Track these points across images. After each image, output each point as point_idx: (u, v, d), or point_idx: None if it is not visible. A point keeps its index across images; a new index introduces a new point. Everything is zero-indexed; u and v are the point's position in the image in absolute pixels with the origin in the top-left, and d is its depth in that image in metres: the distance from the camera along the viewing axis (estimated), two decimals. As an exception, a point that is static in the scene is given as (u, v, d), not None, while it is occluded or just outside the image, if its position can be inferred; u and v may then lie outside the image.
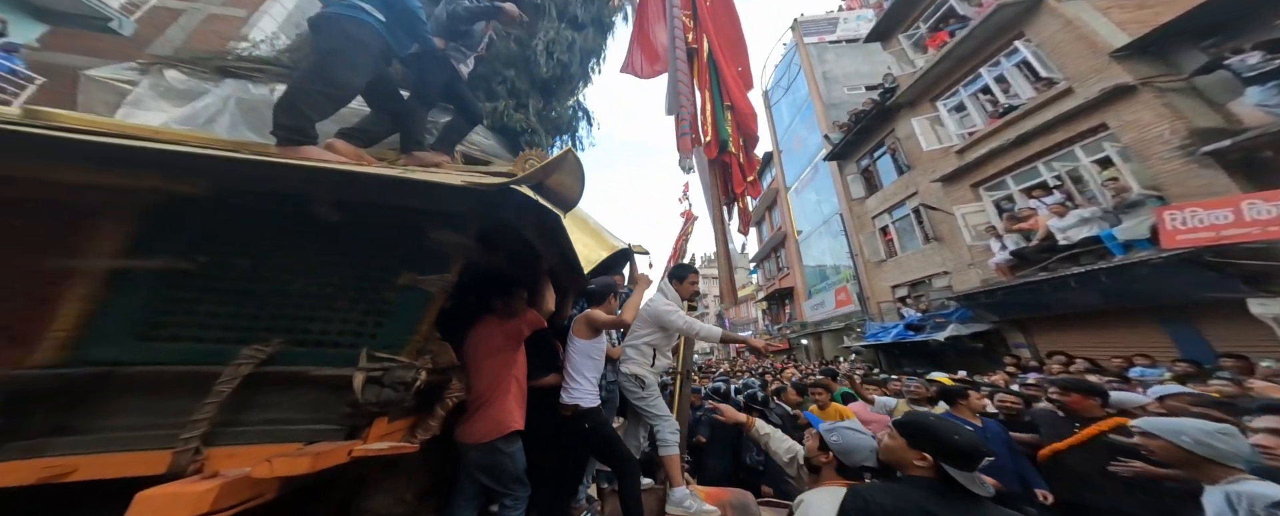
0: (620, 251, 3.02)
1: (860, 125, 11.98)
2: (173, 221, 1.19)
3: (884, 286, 11.94)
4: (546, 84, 3.22)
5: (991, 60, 8.42)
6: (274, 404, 1.23)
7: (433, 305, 1.38)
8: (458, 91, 2.34)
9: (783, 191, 18.95)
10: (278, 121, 1.56)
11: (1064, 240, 5.94)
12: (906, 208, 10.77)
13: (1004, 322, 7.79)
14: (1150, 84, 5.61)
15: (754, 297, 28.19)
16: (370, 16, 1.77)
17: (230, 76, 2.30)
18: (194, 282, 1.21)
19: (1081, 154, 6.42)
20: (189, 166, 1.10)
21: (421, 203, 1.28)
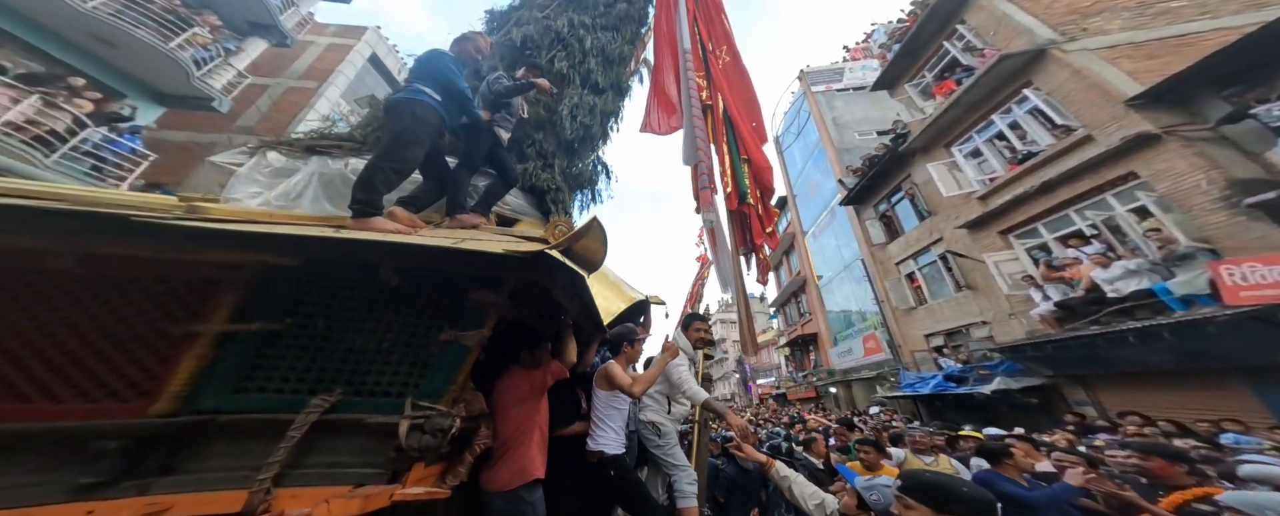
0: (638, 302, 3.13)
1: (875, 170, 12.13)
2: (271, 289, 1.40)
3: (916, 335, 11.50)
4: (570, 144, 3.46)
5: (1003, 107, 8.57)
6: (330, 448, 1.35)
7: (469, 358, 1.51)
8: (499, 158, 2.62)
9: (799, 236, 18.96)
10: (355, 197, 1.83)
11: (1112, 292, 5.69)
12: (932, 254, 10.59)
13: (1060, 377, 7.31)
14: (1175, 133, 5.60)
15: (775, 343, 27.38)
16: (430, 98, 2.12)
17: (315, 153, 2.65)
18: (281, 341, 1.40)
19: (1115, 203, 6.30)
20: (294, 246, 1.35)
21: (466, 267, 1.47)
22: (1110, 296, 5.72)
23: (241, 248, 1.33)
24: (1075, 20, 8.14)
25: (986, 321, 8.94)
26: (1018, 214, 7.75)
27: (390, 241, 1.44)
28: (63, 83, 6.35)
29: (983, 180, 8.69)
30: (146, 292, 1.33)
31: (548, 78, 3.12)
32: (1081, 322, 6.16)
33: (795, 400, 21.53)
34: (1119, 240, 6.15)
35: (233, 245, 1.31)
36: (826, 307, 17.40)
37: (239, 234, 1.28)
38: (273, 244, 1.34)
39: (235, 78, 8.85)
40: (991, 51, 8.61)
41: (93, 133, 6.20)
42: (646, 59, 5.42)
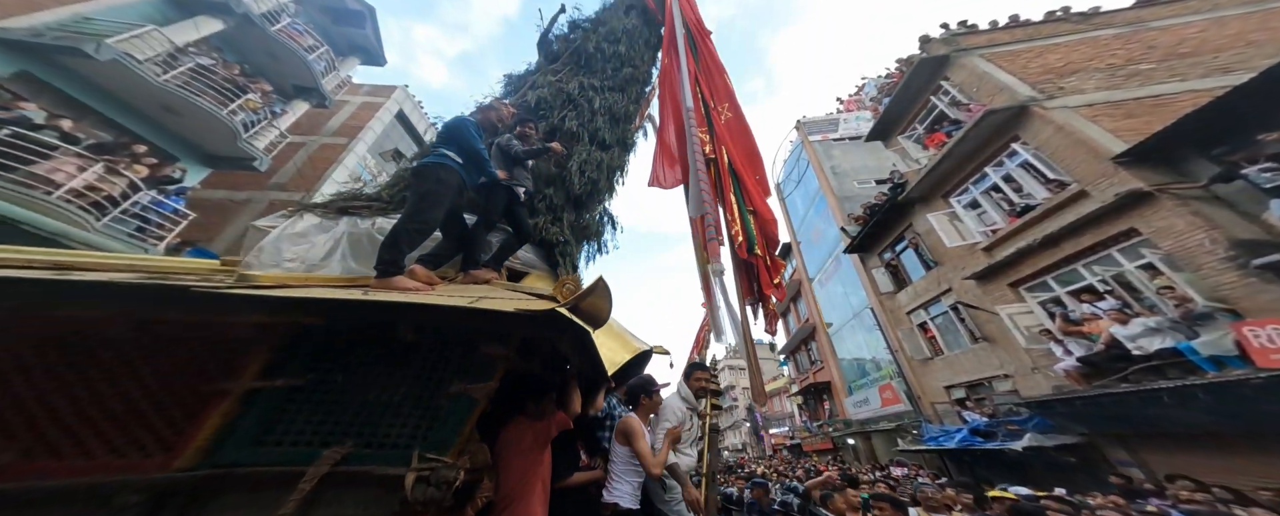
0: (642, 352, 3.16)
1: (875, 219, 12.40)
2: (297, 347, 1.48)
3: (935, 386, 11.21)
4: (578, 198, 3.60)
5: (994, 160, 8.93)
6: (337, 500, 1.36)
7: (477, 410, 1.55)
8: (516, 215, 2.77)
9: (805, 282, 19.02)
10: (381, 257, 1.95)
11: (1136, 350, 5.62)
12: (943, 304, 10.57)
13: (1098, 436, 7.04)
14: (1168, 191, 5.81)
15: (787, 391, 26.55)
16: (453, 161, 2.28)
17: (345, 214, 2.84)
18: (301, 396, 1.45)
19: (1122, 259, 6.40)
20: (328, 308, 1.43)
21: (479, 323, 1.54)
22: (1135, 353, 5.65)
23: (280, 311, 1.43)
24: (1051, 79, 8.72)
25: (1009, 374, 8.75)
26: (1025, 267, 7.84)
27: (412, 302, 1.55)
28: (127, 150, 6.72)
29: (984, 231, 8.86)
30: (186, 353, 1.41)
31: (559, 136, 3.37)
32: (1110, 380, 6.04)
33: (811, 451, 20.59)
34: (1133, 297, 6.17)
35: (273, 309, 1.42)
36: (839, 355, 17.08)
37: (283, 299, 1.40)
38: (309, 307, 1.44)
39: (277, 138, 9.31)
40: (976, 107, 9.12)
41: (144, 195, 6.49)
42: (651, 115, 5.75)
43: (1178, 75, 7.44)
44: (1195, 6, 8.95)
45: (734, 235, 4.34)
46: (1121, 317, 5.96)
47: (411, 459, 1.41)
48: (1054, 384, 7.31)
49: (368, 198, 3.22)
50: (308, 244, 2.60)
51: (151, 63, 6.91)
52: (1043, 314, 7.47)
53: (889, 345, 12.68)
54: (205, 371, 1.42)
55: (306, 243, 2.61)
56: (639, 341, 3.29)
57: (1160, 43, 8.38)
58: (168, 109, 7.30)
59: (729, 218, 4.52)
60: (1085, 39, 9.24)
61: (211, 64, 8.13)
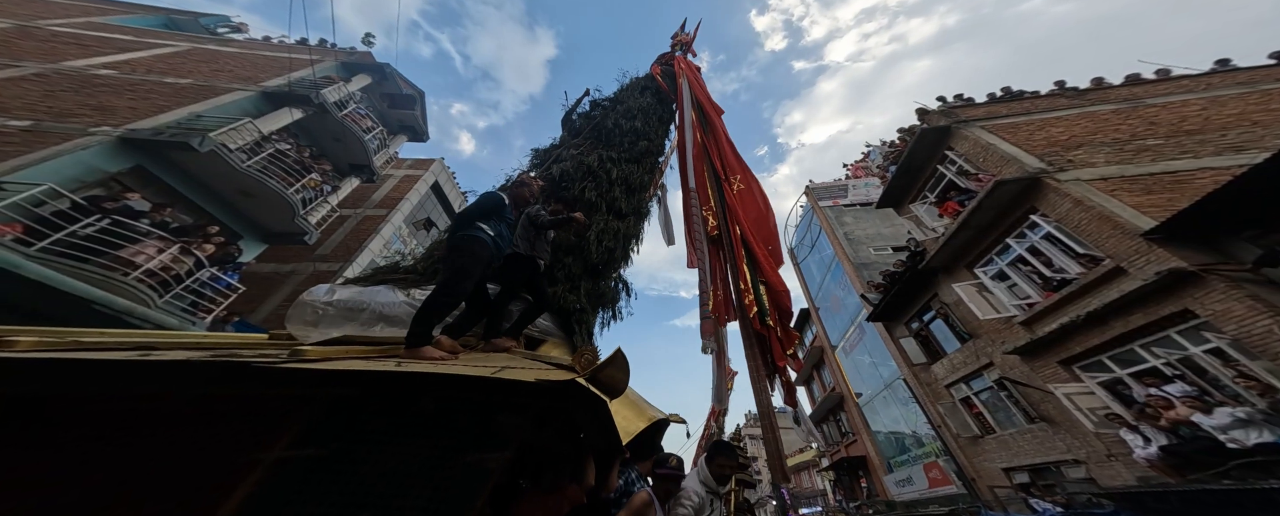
0: (658, 421, 3.05)
1: (896, 288, 12.35)
2: (329, 419, 1.51)
3: (991, 467, 10.43)
4: (596, 267, 3.71)
5: (1015, 232, 9.03)
6: None
7: (491, 480, 1.54)
8: (538, 286, 2.87)
9: (828, 350, 18.54)
10: (413, 329, 2.03)
11: (1231, 443, 5.27)
12: (986, 379, 10.18)
13: (1201, 542, 6.39)
14: (1215, 272, 5.81)
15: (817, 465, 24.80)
16: (485, 234, 2.40)
17: (382, 284, 2.98)
18: (323, 467, 1.45)
19: (1185, 342, 6.23)
20: (364, 380, 1.51)
21: (500, 396, 1.59)
22: (1230, 447, 5.29)
23: (320, 383, 1.49)
24: (1058, 152, 9.11)
25: (1079, 460, 8.17)
26: (1074, 344, 7.62)
27: (441, 372, 1.62)
28: (202, 232, 7.17)
29: (1020, 305, 8.73)
30: (228, 425, 1.46)
31: (579, 206, 3.58)
32: (1209, 475, 5.60)
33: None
34: (1207, 382, 5.93)
35: (315, 381, 1.48)
36: (873, 428, 16.18)
37: (326, 372, 1.48)
38: (349, 378, 1.50)
39: (329, 213, 9.94)
40: (986, 177, 9.42)
41: (204, 273, 6.78)
42: (663, 183, 6.06)
43: (1189, 152, 7.79)
44: (1188, 86, 9.63)
45: (748, 305, 4.42)
46: (1201, 406, 5.67)
47: None
48: (1137, 474, 6.79)
49: (404, 270, 3.52)
50: (352, 317, 2.73)
51: (241, 151, 7.64)
52: (1106, 396, 7.14)
53: (930, 420, 12.03)
54: (242, 442, 1.47)
55: (351, 314, 2.73)
56: (655, 410, 3.19)
57: (1162, 119, 8.88)
58: (243, 192, 7.91)
59: (743, 287, 4.61)
60: (1084, 113, 9.81)
61: (288, 148, 8.91)
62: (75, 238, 5.55)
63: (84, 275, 5.49)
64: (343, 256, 11.30)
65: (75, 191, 5.91)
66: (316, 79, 9.98)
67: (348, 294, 2.93)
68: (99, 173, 6.38)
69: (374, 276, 3.37)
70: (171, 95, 8.43)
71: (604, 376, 1.64)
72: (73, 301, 5.32)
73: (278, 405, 1.54)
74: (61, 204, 5.67)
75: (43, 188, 5.56)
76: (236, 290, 7.38)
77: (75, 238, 5.55)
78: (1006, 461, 9.89)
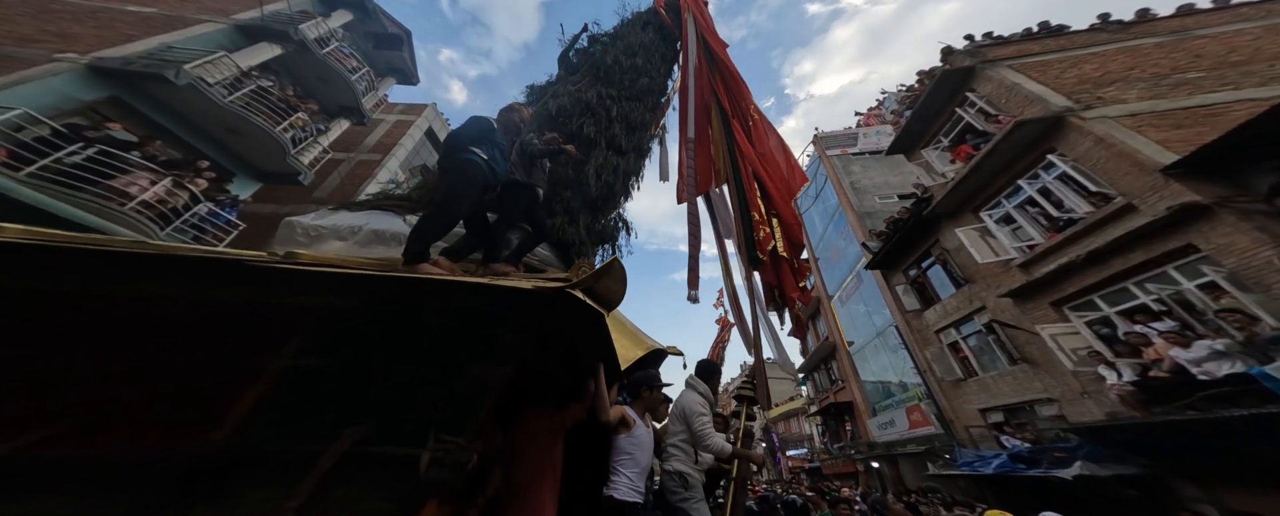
0: (656, 351, 3.15)
1: (899, 235, 12.12)
2: (330, 329, 1.54)
3: (969, 409, 10.71)
4: (595, 202, 3.71)
5: (1028, 173, 8.64)
6: (350, 480, 1.40)
7: (492, 394, 1.58)
8: (536, 215, 2.85)
9: (825, 300, 18.63)
10: (409, 246, 2.05)
11: (1202, 375, 5.27)
12: (976, 323, 10.17)
13: (1160, 468, 6.57)
14: (1227, 204, 5.52)
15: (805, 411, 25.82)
16: (479, 158, 2.38)
17: (379, 211, 2.99)
18: (330, 377, 1.51)
19: (1180, 277, 6.06)
20: (362, 287, 1.51)
21: (498, 305, 1.58)
22: (1201, 379, 5.29)
23: (321, 291, 1.49)
24: (1088, 89, 8.48)
25: (1053, 398, 8.31)
26: (1068, 285, 7.49)
27: (437, 278, 1.63)
28: (192, 166, 7.33)
29: (1021, 248, 8.54)
30: (233, 333, 1.50)
31: (577, 142, 3.49)
32: (1174, 406, 5.66)
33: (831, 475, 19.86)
34: (1194, 317, 5.82)
35: (314, 287, 1.48)
36: (862, 377, 16.57)
37: (321, 278, 1.47)
38: (344, 289, 1.50)
39: (320, 154, 9.99)
40: (1006, 118, 8.89)
41: (202, 207, 6.98)
42: (665, 124, 5.88)
43: (1230, 84, 7.16)
44: (1247, 14, 8.67)
45: (764, 239, 4.35)
46: (1181, 341, 5.61)
47: (427, 439, 1.45)
48: (1107, 410, 6.90)
49: (398, 198, 3.47)
50: (343, 237, 2.75)
51: (220, 85, 7.55)
52: (1090, 335, 7.10)
53: (917, 365, 12.24)
54: (249, 351, 1.51)
55: (342, 235, 2.75)
56: (652, 341, 3.25)
57: (1208, 51, 8.11)
58: (230, 129, 7.89)
59: (757, 218, 4.53)
60: (1125, 48, 9.01)
61: (270, 86, 8.76)
62: (62, 164, 5.55)
63: (79, 203, 5.53)
64: (341, 199, 11.29)
65: (53, 118, 5.85)
66: (293, 13, 9.55)
67: (340, 217, 2.90)
68: (74, 101, 6.30)
69: (366, 203, 3.30)
70: (137, 24, 8.14)
71: (600, 287, 1.60)
72: (71, 228, 5.40)
73: (279, 315, 1.54)
74: (41, 130, 5.63)
75: (17, 112, 5.48)
76: (237, 227, 7.50)
77: (62, 164, 5.55)
78: (984, 402, 10.13)
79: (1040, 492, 8.17)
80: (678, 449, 2.56)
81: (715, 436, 2.50)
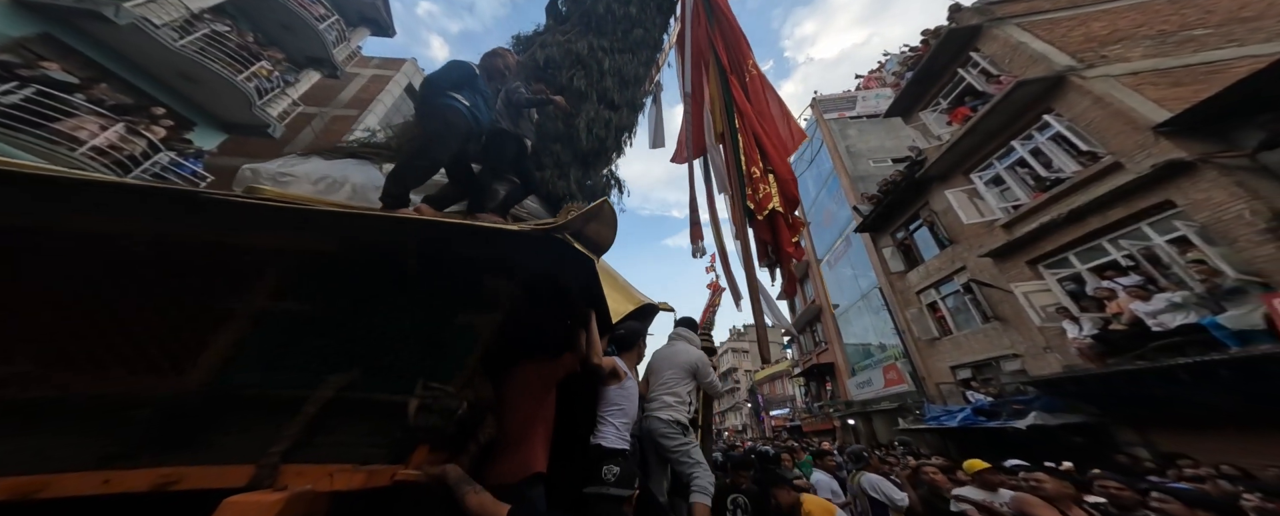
0: (646, 306, 3.16)
1: (891, 198, 12.07)
2: (307, 271, 1.48)
3: (941, 366, 11.09)
4: (585, 156, 3.63)
5: (1023, 134, 8.53)
6: (339, 427, 1.37)
7: (481, 342, 1.56)
8: (523, 166, 2.74)
9: (814, 263, 18.77)
10: (386, 189, 1.96)
11: (1156, 326, 5.43)
12: (955, 283, 10.34)
13: (1106, 416, 6.91)
14: (1211, 161, 5.48)
15: (790, 373, 26.66)
16: (461, 104, 2.26)
17: (354, 158, 2.83)
18: (309, 322, 1.46)
19: (1152, 232, 6.11)
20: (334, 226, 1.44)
21: (482, 249, 1.53)
22: (1155, 330, 5.46)
23: (289, 229, 1.43)
24: (1093, 48, 8.20)
25: (1018, 354, 8.58)
26: (1046, 243, 7.56)
27: (417, 219, 1.58)
28: (146, 112, 6.88)
29: (1006, 208, 8.54)
30: (198, 273, 1.43)
31: (566, 95, 3.32)
32: (1126, 357, 5.87)
33: (811, 432, 20.78)
34: (1160, 271, 5.92)
35: (281, 226, 1.41)
36: (845, 339, 16.98)
37: (293, 217, 1.39)
38: (317, 223, 1.43)
39: (290, 106, 9.50)
40: (1008, 78, 8.66)
41: (163, 156, 6.67)
42: (659, 81, 5.67)
43: (1235, 41, 6.91)
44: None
45: (764, 199, 4.27)
46: (1142, 294, 5.74)
47: (414, 387, 1.41)
48: (1066, 363, 7.15)
49: (376, 145, 3.30)
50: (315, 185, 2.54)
51: (169, 28, 7.05)
52: (1060, 292, 7.25)
53: (897, 326, 12.53)
54: (217, 292, 1.43)
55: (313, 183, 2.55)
56: (642, 295, 3.27)
57: (1220, 6, 7.76)
58: (184, 75, 7.42)
59: (756, 174, 4.45)
60: (1136, 4, 8.62)
61: (226, 31, 8.18)
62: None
63: (22, 144, 5.24)
64: (315, 154, 10.94)
65: (-25, 54, 5.39)
66: (240, -55, 8.69)
67: (312, 165, 2.69)
68: (2, 37, 5.84)
69: (342, 147, 3.11)
70: (70, -45, 7.45)
71: (589, 231, 1.54)
72: (14, 171, 5.20)
73: (248, 257, 1.46)
74: (-39, 66, 5.17)
75: (-70, 43, 4.98)
76: (204, 178, 7.23)
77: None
78: (955, 360, 10.47)
79: (996, 443, 8.59)
80: (677, 398, 2.54)
81: (719, 384, 2.60)
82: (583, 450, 2.18)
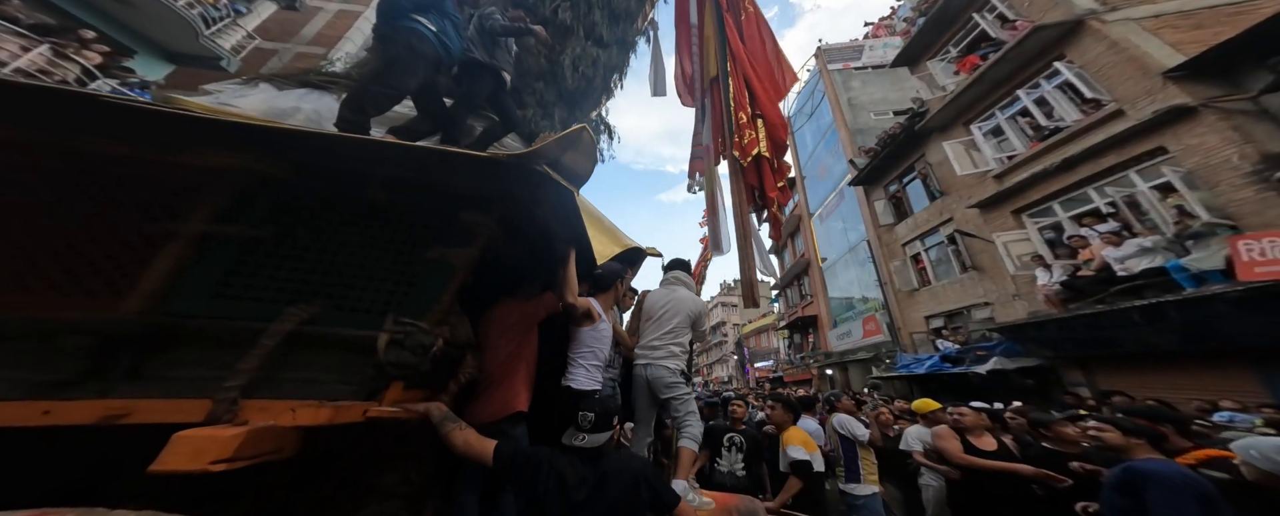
0: (633, 249, 3.06)
1: (888, 150, 11.76)
2: (255, 197, 1.37)
3: (917, 317, 11.36)
4: (572, 95, 3.44)
5: (1031, 82, 8.16)
6: (306, 363, 1.31)
7: (456, 278, 1.49)
8: (501, 101, 2.53)
9: (805, 217, 18.65)
10: (341, 115, 1.79)
11: (1122, 271, 5.48)
12: (940, 235, 10.33)
13: (1059, 359, 7.18)
14: (1213, 105, 5.26)
15: (775, 327, 27.38)
16: (426, 28, 2.04)
17: (310, 88, 2.58)
18: (262, 249, 1.37)
19: (1138, 179, 6.00)
20: (280, 144, 1.31)
21: (452, 179, 1.42)
22: (1120, 274, 5.52)
23: (227, 149, 1.30)
24: (1118, -11, 7.62)
25: (989, 302, 8.77)
26: (1033, 192, 7.47)
27: (379, 141, 1.43)
28: (73, 34, 6.29)
29: (1000, 159, 8.36)
30: (126, 191, 1.31)
31: (550, 29, 3.05)
32: (1086, 302, 5.98)
33: (791, 382, 21.63)
34: (1138, 217, 5.89)
35: (214, 143, 1.28)
36: (830, 293, 17.25)
37: (234, 135, 1.25)
38: (257, 142, 1.29)
39: (244, 39, 8.90)
40: (1024, 24, 8.14)
41: (102, 84, 6.19)
42: (654, 20, 5.29)
43: (1267, -21, 6.39)
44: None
45: (750, 144, 4.10)
46: (1115, 240, 5.74)
47: (385, 322, 1.34)
48: (1031, 310, 7.30)
49: (332, 74, 2.98)
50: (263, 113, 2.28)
51: None
52: (1039, 239, 7.26)
53: (880, 278, 12.68)
54: (148, 212, 1.31)
55: (261, 113, 2.28)
56: (629, 239, 3.17)
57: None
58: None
59: (743, 120, 4.27)
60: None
61: None
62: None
63: None
64: (276, 94, 10.29)
65: None
66: None
67: (261, 93, 2.43)
68: None
69: (295, 76, 2.84)
70: None
71: (567, 160, 1.43)
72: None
73: (181, 175, 1.32)
74: None
75: None
76: None
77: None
78: (930, 310, 10.71)
79: (957, 388, 8.98)
80: (681, 348, 2.45)
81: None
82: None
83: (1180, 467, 1.80)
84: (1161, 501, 1.66)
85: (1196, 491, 1.65)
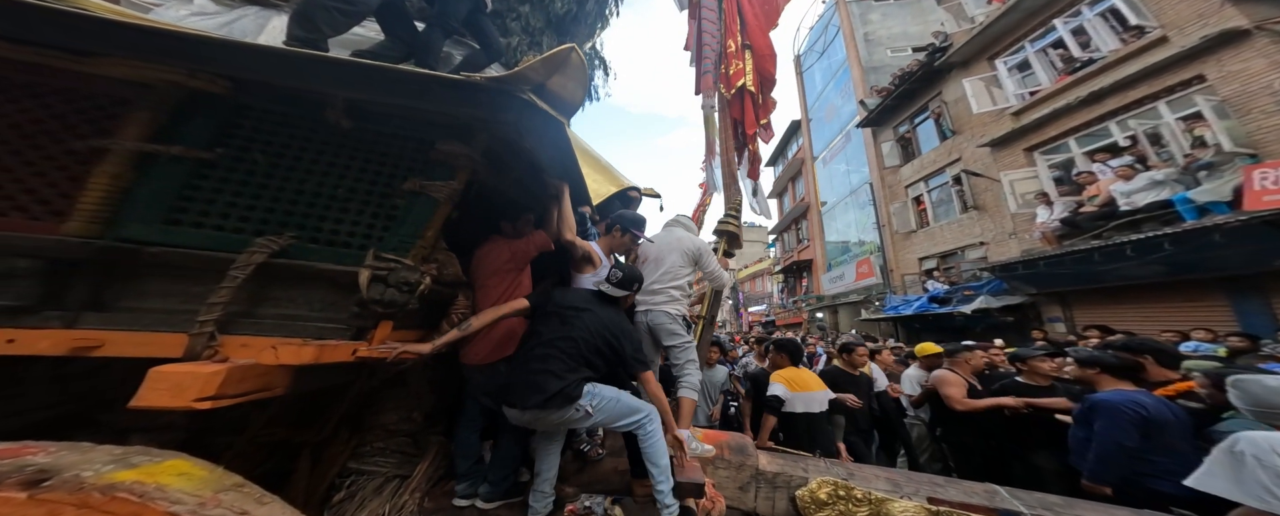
0: (630, 187, 2.90)
1: (903, 88, 10.95)
2: (194, 115, 1.24)
3: (911, 258, 11.31)
4: (561, 21, 3.15)
5: (1070, 10, 7.35)
6: (288, 299, 1.25)
7: (439, 212, 1.38)
8: (480, 24, 2.25)
9: (809, 161, 17.96)
10: (291, 33, 1.56)
11: (1127, 205, 5.28)
12: (945, 175, 9.95)
13: (1041, 295, 7.21)
14: (1266, 27, 4.73)
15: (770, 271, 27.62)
16: None
17: (253, 5, 2.27)
18: (214, 173, 1.25)
19: (1166, 110, 5.59)
20: (207, 57, 1.16)
21: (423, 104, 1.29)
22: (1124, 209, 5.33)
23: (142, 55, 1.15)
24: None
25: (985, 242, 8.65)
26: (1052, 128, 7.03)
27: (322, 56, 1.23)
28: None
29: (1022, 94, 7.77)
30: (44, 104, 1.19)
31: None
32: (1082, 238, 5.85)
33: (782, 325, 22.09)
34: (1155, 150, 5.57)
35: (128, 50, 1.13)
36: (827, 237, 17.10)
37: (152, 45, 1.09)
38: (181, 52, 1.13)
39: None
40: (1075, -59, 7.14)
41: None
42: None
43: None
44: None
45: (734, 75, 3.77)
46: (1127, 173, 5.48)
47: (366, 257, 1.24)
48: (1024, 248, 7.20)
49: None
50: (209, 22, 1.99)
51: None
52: (1047, 176, 6.97)
53: (878, 220, 12.46)
54: (71, 127, 1.19)
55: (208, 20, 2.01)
56: (625, 178, 2.89)
57: None
58: None
59: (732, 51, 3.85)
60: None
61: None
62: None
63: None
64: None
65: None
66: None
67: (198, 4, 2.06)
68: None
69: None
70: None
71: (553, 84, 1.23)
72: None
73: (101, 87, 1.19)
74: None
75: None
76: None
77: None
78: (925, 251, 10.63)
79: (943, 327, 9.12)
80: (682, 291, 2.34)
81: (723, 272, 2.42)
82: None
83: (1133, 395, 1.82)
84: (1103, 427, 1.74)
85: (1136, 417, 1.71)
